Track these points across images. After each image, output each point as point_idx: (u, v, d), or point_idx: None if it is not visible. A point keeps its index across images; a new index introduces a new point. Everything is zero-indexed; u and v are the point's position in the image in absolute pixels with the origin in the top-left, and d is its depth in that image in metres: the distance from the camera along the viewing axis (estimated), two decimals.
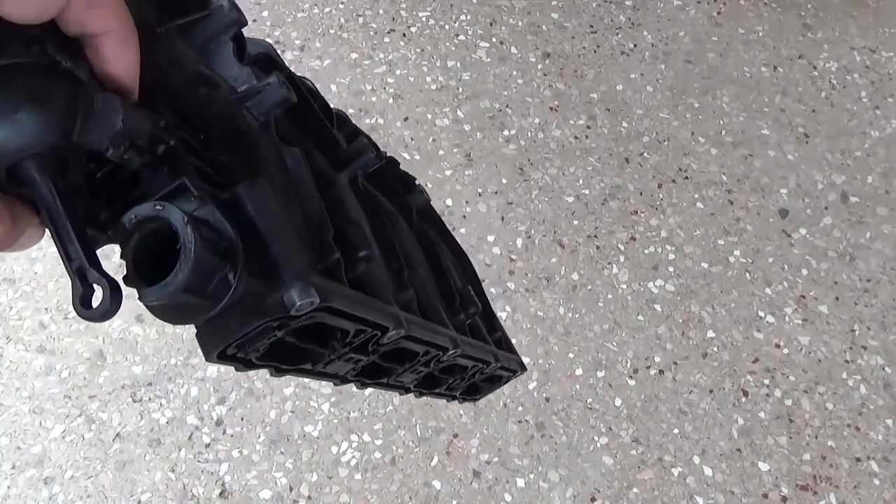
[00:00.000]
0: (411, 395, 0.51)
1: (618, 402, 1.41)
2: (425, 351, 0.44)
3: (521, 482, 1.32)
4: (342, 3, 1.97)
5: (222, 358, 0.29)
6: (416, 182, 0.61)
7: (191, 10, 0.34)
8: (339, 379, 0.41)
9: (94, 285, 0.26)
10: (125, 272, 0.27)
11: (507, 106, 1.79)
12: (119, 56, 0.26)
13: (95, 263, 0.26)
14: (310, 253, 0.32)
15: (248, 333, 0.28)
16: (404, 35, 1.91)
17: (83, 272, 0.26)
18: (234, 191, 0.29)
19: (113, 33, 0.26)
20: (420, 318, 0.44)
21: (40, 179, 0.25)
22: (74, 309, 0.26)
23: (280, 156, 0.35)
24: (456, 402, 0.56)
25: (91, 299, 0.26)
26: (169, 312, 0.27)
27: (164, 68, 0.31)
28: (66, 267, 0.26)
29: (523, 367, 0.64)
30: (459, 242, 0.66)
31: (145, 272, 0.27)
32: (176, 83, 0.31)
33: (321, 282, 0.30)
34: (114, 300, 0.26)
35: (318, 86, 0.49)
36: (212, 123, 0.31)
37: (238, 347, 0.29)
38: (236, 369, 0.32)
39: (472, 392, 0.61)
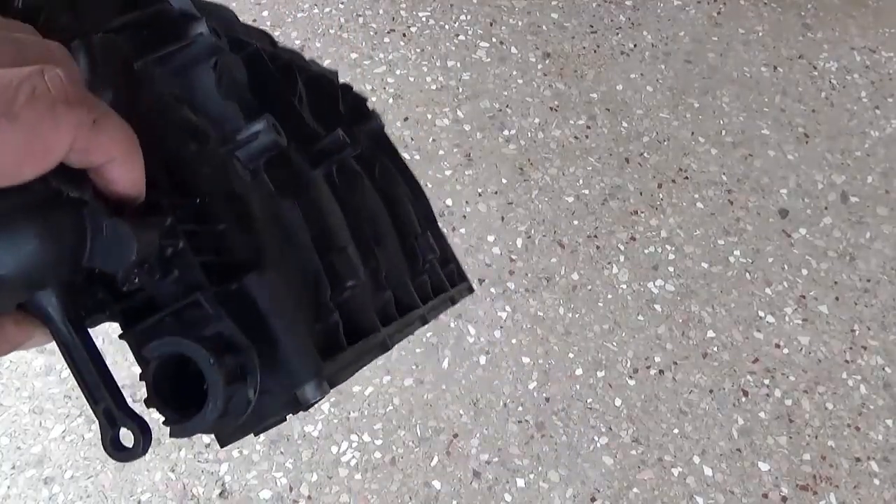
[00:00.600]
0: (411, 396, 0.52)
1: (618, 402, 1.41)
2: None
3: (521, 482, 1.32)
4: (342, 3, 1.97)
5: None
6: (369, 106, 0.60)
7: (169, 41, 0.33)
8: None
9: (122, 427, 0.26)
10: (146, 394, 0.27)
11: (507, 106, 1.79)
12: (125, 176, 0.26)
13: (123, 404, 0.26)
14: (314, 333, 0.33)
15: (263, 429, 0.29)
16: (404, 35, 1.91)
17: (110, 414, 0.26)
18: (243, 285, 0.29)
19: (118, 158, 0.26)
20: (397, 321, 0.45)
21: (56, 316, 0.25)
22: (106, 451, 0.26)
23: (276, 212, 0.35)
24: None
25: (120, 439, 0.26)
26: (184, 433, 0.28)
27: (149, 119, 0.30)
28: (90, 406, 0.26)
29: (471, 290, 0.65)
30: (459, 241, 0.66)
31: (166, 395, 0.27)
32: (164, 137, 0.31)
33: (329, 370, 0.31)
34: (146, 441, 0.26)
35: None
36: (206, 186, 0.31)
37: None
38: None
39: None
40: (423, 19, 1.94)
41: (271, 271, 0.31)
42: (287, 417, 0.30)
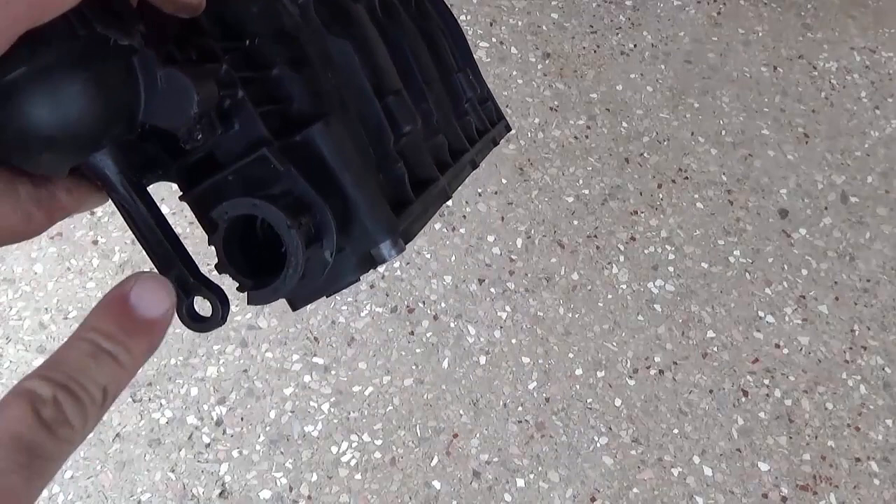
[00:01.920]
0: (411, 396, 0.50)
1: (618, 402, 1.41)
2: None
3: (521, 482, 1.32)
4: None
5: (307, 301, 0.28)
6: None
7: None
8: None
9: (197, 296, 0.25)
10: (216, 260, 0.25)
11: (507, 106, 1.79)
12: None
13: (196, 272, 0.25)
14: (383, 185, 0.30)
15: (337, 290, 0.28)
16: None
17: (184, 281, 0.24)
18: (308, 136, 0.27)
19: None
20: (451, 166, 0.42)
21: (114, 179, 0.23)
22: (182, 321, 0.24)
23: (329, 53, 0.32)
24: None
25: (196, 308, 0.25)
26: (263, 300, 0.26)
27: None
28: (162, 274, 0.24)
29: (509, 129, 0.61)
30: (459, 242, 0.65)
31: (238, 259, 0.25)
32: None
33: (404, 226, 0.29)
34: (224, 309, 0.25)
35: None
36: (254, 26, 0.28)
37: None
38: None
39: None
40: None
41: (335, 120, 0.28)
42: (361, 278, 0.28)
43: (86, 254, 1.51)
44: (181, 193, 0.27)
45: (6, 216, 0.21)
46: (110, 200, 0.24)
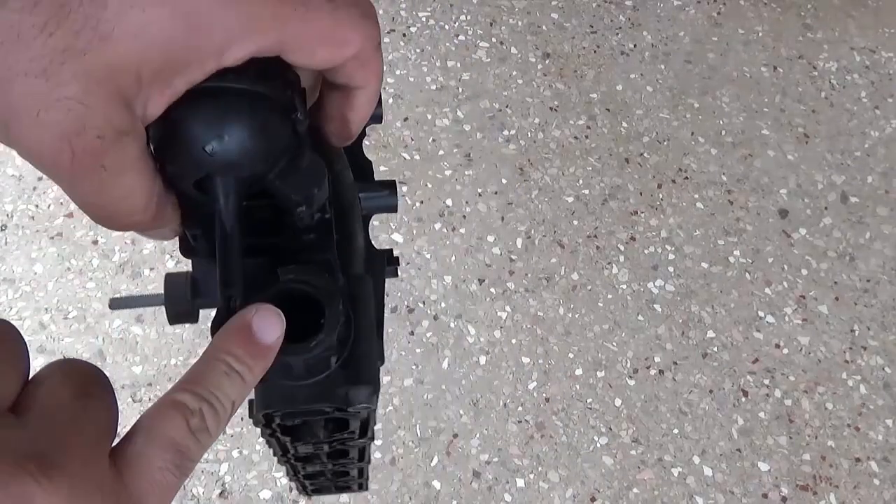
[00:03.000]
0: (411, 396, 0.51)
1: (618, 402, 1.41)
2: None
3: (521, 482, 1.32)
4: None
5: (266, 418, 0.31)
6: None
7: None
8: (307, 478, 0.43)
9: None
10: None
11: (507, 106, 1.79)
12: (365, 108, 0.29)
13: (244, 298, 0.27)
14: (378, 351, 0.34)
15: (306, 411, 0.30)
16: (404, 35, 1.91)
17: (232, 302, 0.27)
18: (357, 277, 0.31)
19: (370, 88, 0.29)
20: None
21: (231, 202, 0.26)
22: (212, 330, 0.27)
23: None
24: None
25: None
26: (272, 369, 0.28)
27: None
28: (219, 289, 0.27)
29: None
30: (459, 242, 0.66)
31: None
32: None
33: (379, 386, 0.32)
34: None
35: None
36: (344, 198, 0.33)
37: (283, 416, 0.31)
38: (261, 432, 0.33)
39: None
40: (423, 19, 1.94)
41: (370, 279, 0.32)
42: (327, 410, 0.31)
43: (86, 254, 1.51)
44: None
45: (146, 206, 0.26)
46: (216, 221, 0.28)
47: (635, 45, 1.94)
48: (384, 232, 1.58)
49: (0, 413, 0.20)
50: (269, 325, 0.25)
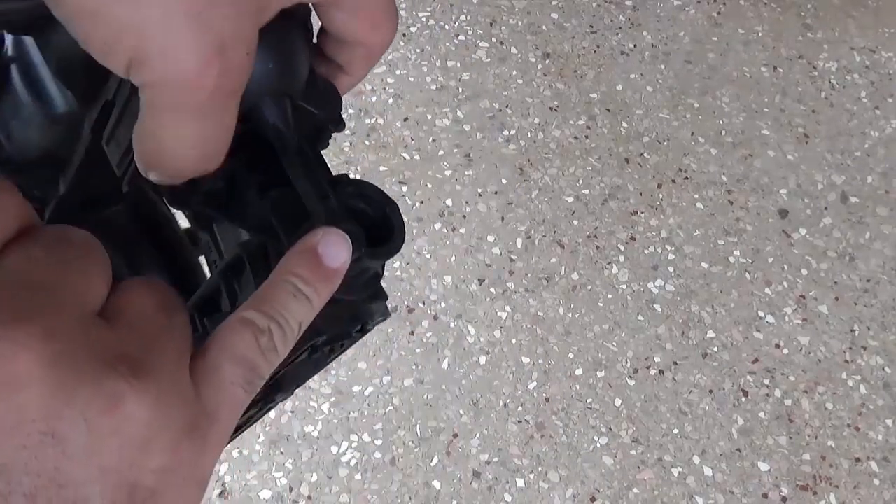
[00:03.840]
0: (411, 396, 0.51)
1: (618, 402, 1.41)
2: None
3: (521, 482, 1.32)
4: None
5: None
6: None
7: None
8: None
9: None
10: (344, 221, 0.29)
11: (507, 106, 1.79)
12: (363, 68, 0.30)
13: (338, 215, 0.27)
14: None
15: (345, 332, 0.30)
16: (404, 35, 1.91)
17: (335, 213, 0.27)
18: (385, 211, 0.31)
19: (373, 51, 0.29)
20: None
21: (282, 119, 0.27)
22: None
23: None
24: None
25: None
26: (352, 282, 0.29)
27: None
28: (314, 203, 0.27)
29: None
30: (459, 242, 0.65)
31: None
32: None
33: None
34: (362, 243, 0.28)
35: None
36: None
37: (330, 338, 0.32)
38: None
39: None
40: (423, 19, 1.94)
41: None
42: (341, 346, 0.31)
43: None
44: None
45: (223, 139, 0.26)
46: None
47: (635, 45, 1.94)
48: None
49: (90, 314, 0.20)
50: (334, 249, 0.25)
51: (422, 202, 1.63)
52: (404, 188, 1.64)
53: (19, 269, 0.19)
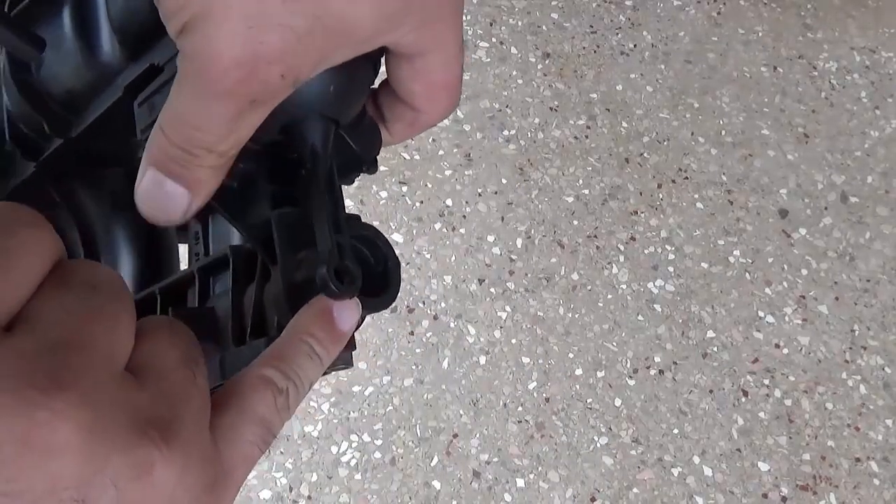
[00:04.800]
0: (411, 396, 0.51)
1: (618, 402, 1.41)
2: None
3: (521, 482, 1.32)
4: None
5: None
6: None
7: None
8: None
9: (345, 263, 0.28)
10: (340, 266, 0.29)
11: (507, 106, 1.79)
12: (445, 108, 0.29)
13: (346, 253, 0.27)
14: None
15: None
16: None
17: (343, 249, 0.27)
18: (387, 265, 0.31)
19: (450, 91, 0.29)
20: None
21: (323, 142, 0.27)
22: (329, 276, 0.27)
23: None
24: None
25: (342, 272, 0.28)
26: (380, 308, 0.29)
27: None
28: (327, 237, 0.26)
29: None
30: (459, 242, 0.65)
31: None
32: None
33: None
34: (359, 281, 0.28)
35: None
36: None
37: None
38: None
39: None
40: None
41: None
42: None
43: None
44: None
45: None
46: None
47: (635, 45, 1.94)
48: (384, 232, 1.59)
49: (120, 373, 0.20)
50: (349, 313, 0.25)
51: (422, 202, 1.63)
52: (404, 188, 1.64)
53: (54, 322, 0.19)
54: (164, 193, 0.24)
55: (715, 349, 1.48)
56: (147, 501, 0.19)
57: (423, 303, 1.49)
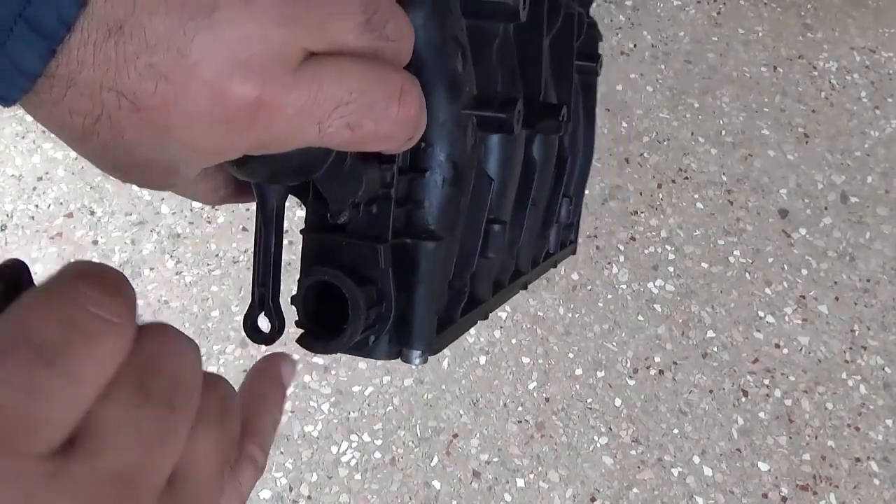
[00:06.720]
0: (411, 396, 0.52)
1: (618, 402, 1.41)
2: None
3: (521, 482, 1.32)
4: None
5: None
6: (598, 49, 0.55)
7: None
8: None
9: (264, 315, 0.29)
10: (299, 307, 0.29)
11: None
12: (408, 136, 0.29)
13: (276, 299, 0.28)
14: (442, 299, 0.34)
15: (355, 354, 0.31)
16: None
17: (263, 300, 0.28)
18: (417, 247, 0.30)
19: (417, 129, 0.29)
20: (504, 288, 0.46)
21: (270, 206, 0.27)
22: (244, 330, 0.28)
23: (472, 184, 0.35)
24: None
25: (258, 323, 0.29)
26: (315, 349, 0.30)
27: (421, 52, 0.32)
28: (252, 285, 0.28)
29: (574, 252, 0.62)
30: None
31: (311, 314, 0.29)
32: (427, 78, 0.32)
33: (437, 343, 0.33)
34: (278, 333, 0.29)
35: None
36: (435, 137, 0.31)
37: None
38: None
39: None
40: None
41: (444, 245, 0.31)
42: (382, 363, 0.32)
43: (86, 254, 1.51)
44: (303, 227, 0.31)
45: (210, 187, 0.29)
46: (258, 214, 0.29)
47: (635, 45, 1.94)
48: None
49: (159, 487, 0.19)
50: (288, 373, 0.27)
51: None
52: None
53: (121, 448, 0.17)
54: None
55: (715, 349, 1.48)
56: None
57: None
